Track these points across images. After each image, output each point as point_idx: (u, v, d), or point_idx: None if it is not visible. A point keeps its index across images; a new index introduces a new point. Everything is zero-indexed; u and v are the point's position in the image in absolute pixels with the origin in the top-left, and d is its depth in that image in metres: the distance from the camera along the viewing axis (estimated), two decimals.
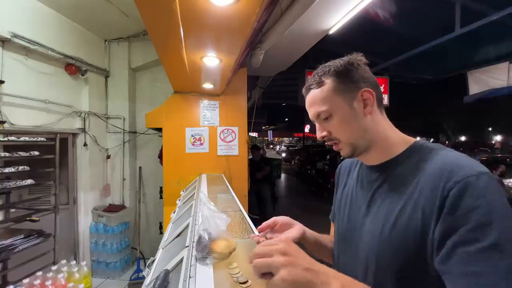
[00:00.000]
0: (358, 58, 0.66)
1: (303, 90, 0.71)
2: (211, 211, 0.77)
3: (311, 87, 0.67)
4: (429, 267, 0.51)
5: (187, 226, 1.14)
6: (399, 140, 0.65)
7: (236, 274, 0.69)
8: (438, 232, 0.49)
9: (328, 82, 0.64)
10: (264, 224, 0.77)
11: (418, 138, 0.67)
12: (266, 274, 0.46)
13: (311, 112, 0.68)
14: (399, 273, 0.55)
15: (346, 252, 0.72)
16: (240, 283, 0.65)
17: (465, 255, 0.45)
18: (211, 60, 1.81)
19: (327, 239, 0.87)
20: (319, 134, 0.69)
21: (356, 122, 0.64)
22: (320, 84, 0.65)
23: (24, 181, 2.12)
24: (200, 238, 0.74)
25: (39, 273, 2.01)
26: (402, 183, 0.60)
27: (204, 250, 0.71)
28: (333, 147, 0.69)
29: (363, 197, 0.70)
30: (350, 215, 0.72)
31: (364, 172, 0.73)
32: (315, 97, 0.66)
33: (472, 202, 0.47)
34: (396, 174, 0.62)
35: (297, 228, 0.78)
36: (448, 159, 0.55)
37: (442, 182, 0.51)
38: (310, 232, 0.82)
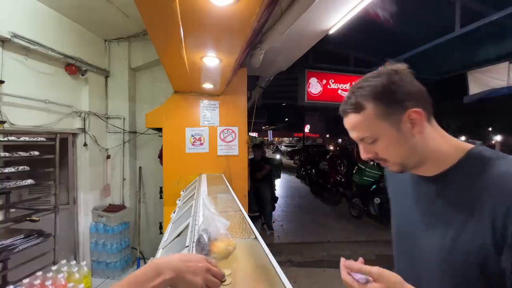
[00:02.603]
0: (400, 71, 0.59)
1: (340, 109, 0.63)
2: (211, 213, 0.77)
3: (348, 110, 0.61)
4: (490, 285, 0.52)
5: (187, 226, 1.14)
6: (452, 150, 0.61)
7: None
8: (510, 258, 0.48)
9: (369, 107, 0.58)
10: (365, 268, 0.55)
11: (467, 143, 0.62)
12: None
13: (353, 135, 0.63)
14: None
15: (401, 260, 0.74)
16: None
17: None
18: (211, 60, 1.80)
19: None
20: (365, 155, 0.64)
21: (404, 144, 0.59)
22: (358, 109, 0.59)
23: (24, 181, 2.12)
24: (199, 238, 0.74)
25: (39, 273, 2.00)
26: (458, 197, 0.58)
27: (203, 250, 0.71)
28: (381, 163, 0.65)
29: (417, 209, 0.66)
30: (405, 225, 0.71)
31: (416, 182, 0.68)
32: (356, 123, 0.60)
33: None
34: (452, 187, 0.59)
35: None
36: (508, 174, 0.52)
37: (504, 203, 0.50)
38: None
